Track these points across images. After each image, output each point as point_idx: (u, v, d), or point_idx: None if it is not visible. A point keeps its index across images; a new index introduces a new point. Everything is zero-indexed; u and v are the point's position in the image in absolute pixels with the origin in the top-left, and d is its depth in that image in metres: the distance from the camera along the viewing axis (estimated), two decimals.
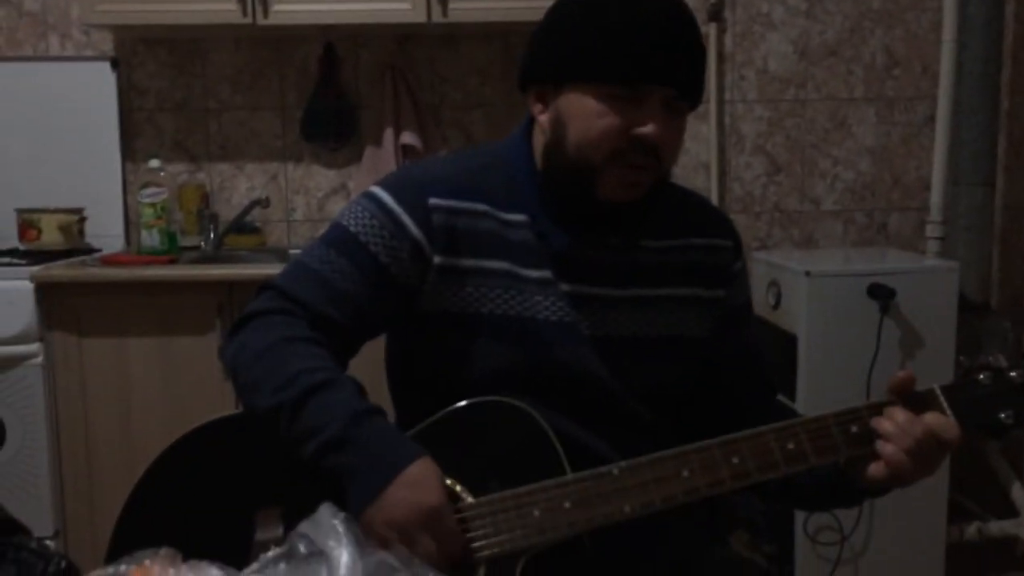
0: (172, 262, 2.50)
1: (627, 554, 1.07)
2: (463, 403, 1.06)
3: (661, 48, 1.02)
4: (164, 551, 0.92)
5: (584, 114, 1.04)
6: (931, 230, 2.60)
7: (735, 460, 1.00)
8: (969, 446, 1.03)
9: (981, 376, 1.03)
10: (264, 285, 1.12)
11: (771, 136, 2.89)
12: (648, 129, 1.03)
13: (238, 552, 0.95)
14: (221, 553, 0.95)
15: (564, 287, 1.11)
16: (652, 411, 1.15)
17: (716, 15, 2.79)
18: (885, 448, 0.99)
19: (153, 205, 2.55)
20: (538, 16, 2.75)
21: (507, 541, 0.98)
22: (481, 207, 1.11)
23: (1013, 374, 1.02)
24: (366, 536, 0.94)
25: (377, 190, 1.13)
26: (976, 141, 2.56)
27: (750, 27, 2.84)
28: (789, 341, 2.36)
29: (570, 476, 1.00)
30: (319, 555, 0.83)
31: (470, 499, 1.00)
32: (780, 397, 1.35)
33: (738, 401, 1.22)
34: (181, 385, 2.35)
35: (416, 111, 2.78)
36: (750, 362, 1.25)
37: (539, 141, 1.13)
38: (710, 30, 2.78)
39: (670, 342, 1.16)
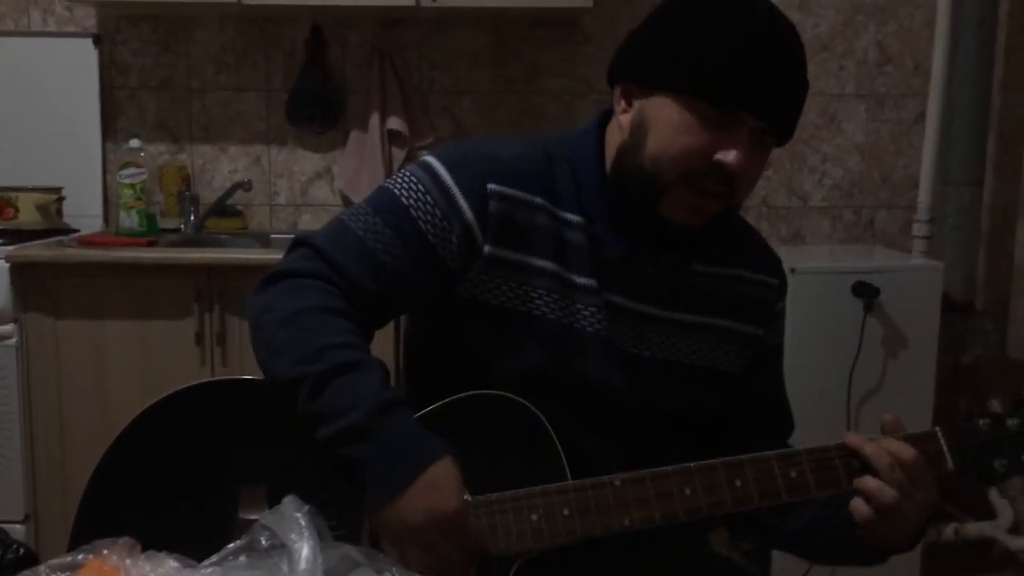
0: (151, 244, 2.46)
1: (610, 548, 1.06)
2: (472, 393, 1.02)
3: (766, 80, 0.97)
4: (123, 541, 0.90)
5: (669, 125, 0.99)
6: (918, 229, 2.59)
7: (738, 483, 0.98)
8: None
9: (981, 422, 1.02)
10: (301, 240, 1.05)
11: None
12: (731, 157, 0.97)
13: (221, 530, 0.93)
14: (202, 530, 0.93)
15: (607, 297, 1.07)
16: (668, 431, 1.13)
17: None
18: (868, 484, 0.98)
19: (133, 186, 2.51)
20: (527, 3, 2.70)
21: (503, 544, 0.96)
22: (539, 200, 1.06)
23: (1011, 422, 1.02)
24: (379, 533, 0.93)
25: (435, 163, 1.07)
26: (966, 140, 2.55)
27: None
28: None
29: (571, 483, 0.98)
30: (280, 548, 0.81)
31: (467, 496, 0.97)
32: None
33: (751, 438, 1.20)
34: (158, 370, 2.32)
35: (403, 96, 2.75)
36: (772, 402, 1.22)
37: (613, 139, 1.08)
38: None
39: (700, 371, 1.13)
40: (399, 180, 1.06)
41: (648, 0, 2.79)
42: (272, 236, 2.73)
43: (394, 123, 2.72)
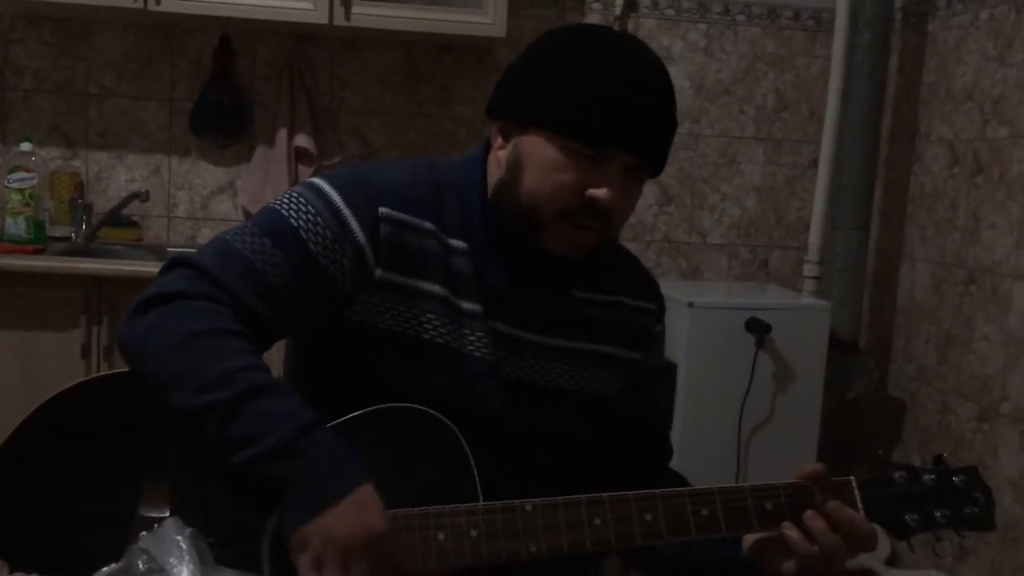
0: (38, 252, 2.36)
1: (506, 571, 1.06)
2: (384, 406, 1.01)
3: (634, 117, 1.00)
4: None
5: (543, 163, 1.02)
6: (808, 269, 2.70)
7: (648, 517, 0.98)
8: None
9: (896, 475, 1.03)
10: (180, 261, 1.00)
11: (665, 167, 2.95)
12: (602, 193, 1.00)
13: (121, 527, 0.90)
14: (101, 528, 0.91)
15: (491, 324, 1.09)
16: (552, 458, 1.14)
17: None
18: (801, 545, 0.99)
19: (21, 191, 2.41)
20: (440, 29, 2.72)
21: (405, 561, 0.94)
22: (428, 225, 1.07)
23: (927, 478, 1.03)
24: (295, 552, 0.90)
25: (326, 186, 1.05)
26: (855, 187, 2.68)
27: None
28: (670, 369, 2.40)
29: (481, 504, 0.97)
30: (158, 572, 0.78)
31: None
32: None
33: (632, 461, 1.21)
34: (40, 384, 2.19)
35: (312, 114, 2.72)
36: (651, 426, 1.24)
37: (494, 171, 1.09)
38: None
39: (578, 396, 1.15)
40: (287, 201, 1.04)
41: None
42: (169, 249, 2.65)
43: (302, 140, 2.69)
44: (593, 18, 2.85)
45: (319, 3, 2.45)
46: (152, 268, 2.29)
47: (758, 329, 2.33)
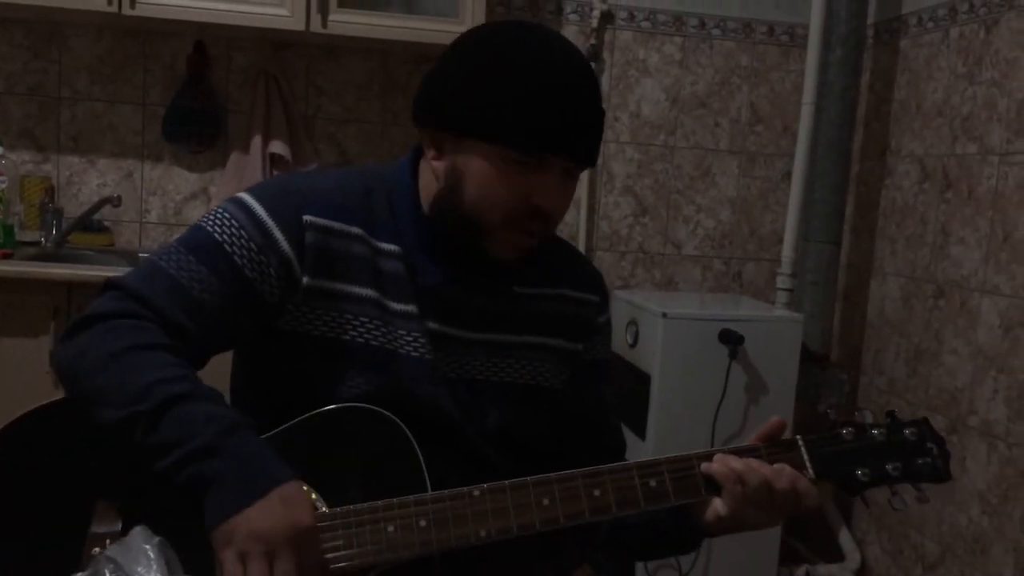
0: (7, 257, 2.33)
1: (472, 571, 1.05)
2: (331, 407, 1.02)
3: (569, 122, 1.02)
4: None
5: (483, 174, 1.03)
6: (781, 282, 2.72)
7: (596, 493, 1.00)
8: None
9: (844, 431, 1.04)
10: (109, 284, 1.03)
11: (640, 178, 2.97)
12: (548, 200, 1.03)
13: (73, 544, 0.91)
14: (54, 544, 0.93)
15: (427, 324, 1.09)
16: (502, 455, 1.14)
17: (594, 56, 2.85)
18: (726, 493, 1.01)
19: None
20: (418, 38, 2.71)
21: (356, 555, 0.95)
22: (356, 230, 1.08)
23: (875, 432, 1.04)
24: (220, 547, 0.90)
25: (248, 198, 1.07)
26: (827, 201, 2.71)
27: (626, 71, 2.92)
28: (643, 380, 2.40)
29: (429, 494, 0.98)
30: None
31: (324, 508, 0.97)
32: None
33: (583, 457, 1.22)
34: (8, 391, 2.18)
35: (288, 120, 2.71)
36: (600, 420, 1.25)
37: (428, 179, 1.10)
38: None
39: (523, 390, 1.15)
40: (212, 218, 1.05)
41: None
42: (141, 255, 2.62)
43: (277, 147, 2.67)
44: (570, 29, 2.87)
45: (296, 10, 2.44)
46: (122, 273, 2.26)
47: (731, 340, 2.35)
